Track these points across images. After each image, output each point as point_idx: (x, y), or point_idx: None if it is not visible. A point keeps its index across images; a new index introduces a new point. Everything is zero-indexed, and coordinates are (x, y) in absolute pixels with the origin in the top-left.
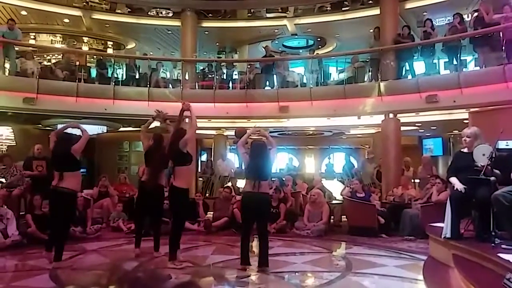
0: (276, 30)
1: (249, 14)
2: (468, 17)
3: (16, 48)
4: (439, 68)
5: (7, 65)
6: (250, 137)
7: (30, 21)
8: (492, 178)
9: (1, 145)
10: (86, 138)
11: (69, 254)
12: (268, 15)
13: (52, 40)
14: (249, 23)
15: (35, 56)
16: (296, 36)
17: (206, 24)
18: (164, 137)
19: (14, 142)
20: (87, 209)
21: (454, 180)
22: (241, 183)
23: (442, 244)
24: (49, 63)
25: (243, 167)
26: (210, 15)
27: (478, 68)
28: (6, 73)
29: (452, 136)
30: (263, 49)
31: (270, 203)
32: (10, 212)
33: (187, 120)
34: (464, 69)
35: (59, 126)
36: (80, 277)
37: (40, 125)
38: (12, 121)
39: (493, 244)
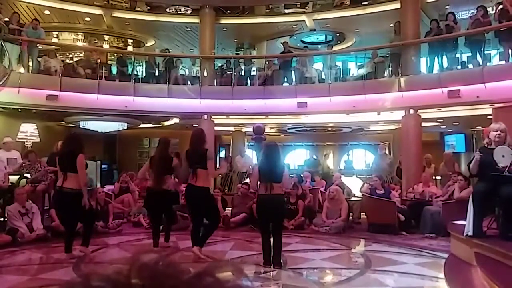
0: (294, 26)
1: (267, 10)
2: (492, 9)
3: (40, 47)
4: (461, 63)
5: (30, 64)
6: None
7: (53, 20)
8: None
9: (26, 141)
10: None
11: (92, 248)
12: (287, 10)
13: (74, 38)
14: (267, 19)
15: (57, 55)
16: (315, 32)
17: (224, 20)
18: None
19: (39, 138)
20: (109, 204)
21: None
22: None
23: (464, 242)
24: (71, 61)
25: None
26: (228, 11)
27: (503, 62)
28: (30, 71)
29: (475, 132)
30: (281, 45)
31: (284, 204)
32: (35, 207)
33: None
34: (488, 64)
35: (81, 123)
36: (102, 270)
37: (63, 122)
38: (36, 118)
39: None
